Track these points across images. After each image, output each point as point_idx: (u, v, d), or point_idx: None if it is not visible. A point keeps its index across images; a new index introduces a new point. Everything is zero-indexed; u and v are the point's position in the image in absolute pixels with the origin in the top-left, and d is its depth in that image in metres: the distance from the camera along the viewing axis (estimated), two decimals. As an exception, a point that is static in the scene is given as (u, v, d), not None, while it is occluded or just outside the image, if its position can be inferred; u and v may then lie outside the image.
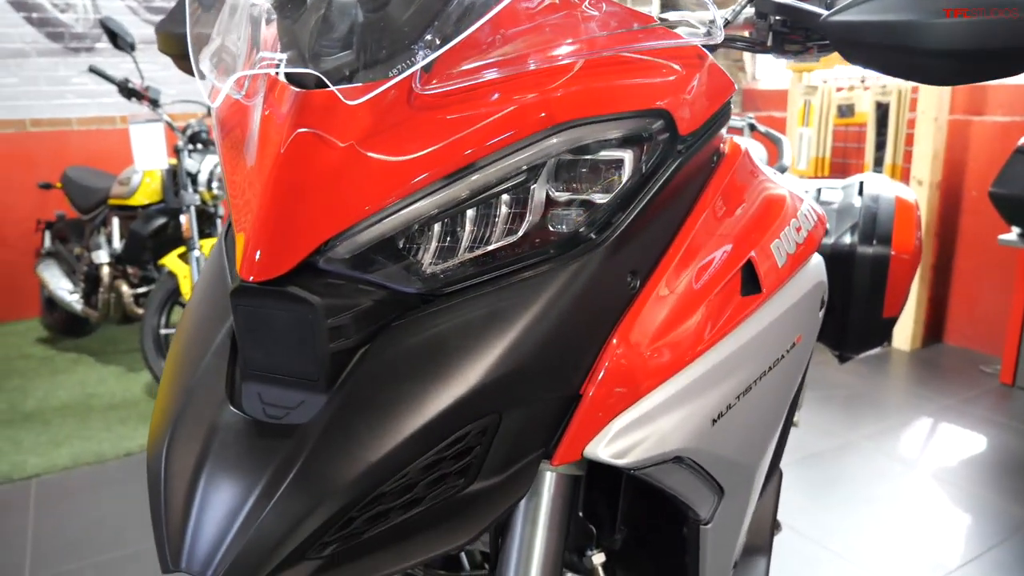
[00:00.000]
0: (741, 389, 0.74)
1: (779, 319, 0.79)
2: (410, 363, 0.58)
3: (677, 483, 0.72)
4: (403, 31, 0.59)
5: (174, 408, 0.62)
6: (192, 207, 3.15)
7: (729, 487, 0.78)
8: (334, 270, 0.59)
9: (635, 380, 0.65)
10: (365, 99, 0.57)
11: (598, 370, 0.64)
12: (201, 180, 3.23)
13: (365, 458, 0.55)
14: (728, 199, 0.77)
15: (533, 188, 0.60)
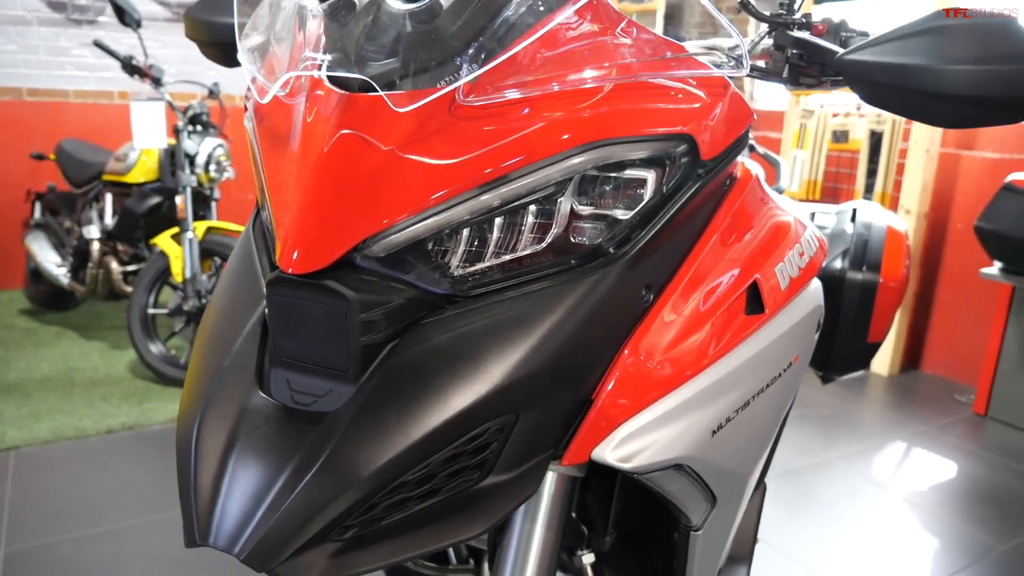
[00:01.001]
0: (740, 403, 0.78)
1: (779, 339, 0.83)
2: (437, 360, 0.60)
3: (675, 489, 0.76)
4: (450, 44, 0.62)
5: (206, 389, 0.64)
6: (188, 188, 3.15)
7: (721, 496, 0.82)
8: (369, 267, 0.62)
9: (643, 389, 0.68)
10: (413, 107, 0.60)
11: (609, 377, 0.67)
12: (199, 161, 3.23)
13: (392, 447, 0.57)
14: (738, 221, 0.80)
15: (560, 201, 0.63)
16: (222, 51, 1.01)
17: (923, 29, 0.72)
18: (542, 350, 0.62)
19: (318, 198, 0.59)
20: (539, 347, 0.62)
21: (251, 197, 4.55)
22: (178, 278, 3.08)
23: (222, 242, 3.13)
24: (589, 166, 0.63)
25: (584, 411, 0.67)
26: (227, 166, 3.34)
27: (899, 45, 0.73)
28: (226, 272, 0.76)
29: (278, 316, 0.63)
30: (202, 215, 3.33)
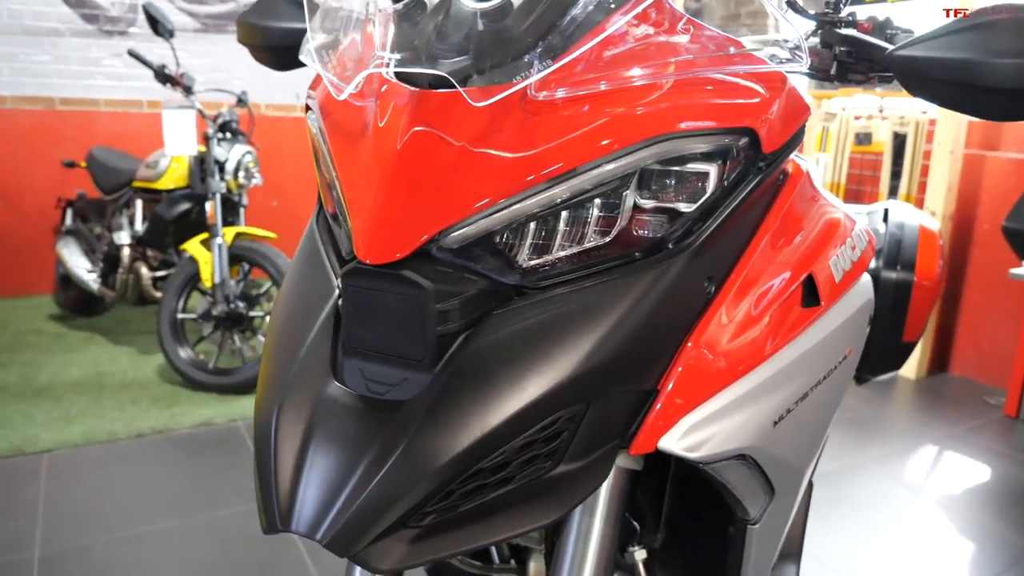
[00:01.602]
0: (799, 395, 0.78)
1: (834, 332, 0.83)
2: (511, 349, 0.61)
3: (736, 480, 0.76)
4: (521, 41, 0.63)
5: (283, 377, 0.66)
6: (218, 194, 3.19)
7: (780, 489, 0.82)
8: (444, 258, 0.63)
9: (707, 379, 0.69)
10: (490, 102, 0.61)
11: (674, 367, 0.68)
12: (228, 168, 3.26)
13: (469, 434, 0.58)
14: (792, 216, 0.81)
15: (625, 194, 0.64)
16: (274, 55, 1.04)
17: (971, 25, 0.73)
18: (611, 340, 0.63)
19: (394, 191, 0.61)
20: (608, 337, 0.63)
21: (275, 204, 4.60)
22: (207, 283, 3.11)
23: (250, 247, 3.16)
24: (654, 159, 0.64)
25: (650, 401, 0.68)
26: (255, 172, 3.38)
27: (948, 40, 0.74)
28: (293, 268, 0.77)
29: (353, 307, 0.64)
30: (231, 221, 3.37)
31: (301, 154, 4.80)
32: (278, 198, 4.63)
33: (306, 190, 4.84)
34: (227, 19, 4.53)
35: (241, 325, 3.19)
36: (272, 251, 3.14)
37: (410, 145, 0.61)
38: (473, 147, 0.61)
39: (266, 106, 4.56)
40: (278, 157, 4.52)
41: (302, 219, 4.71)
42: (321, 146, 0.74)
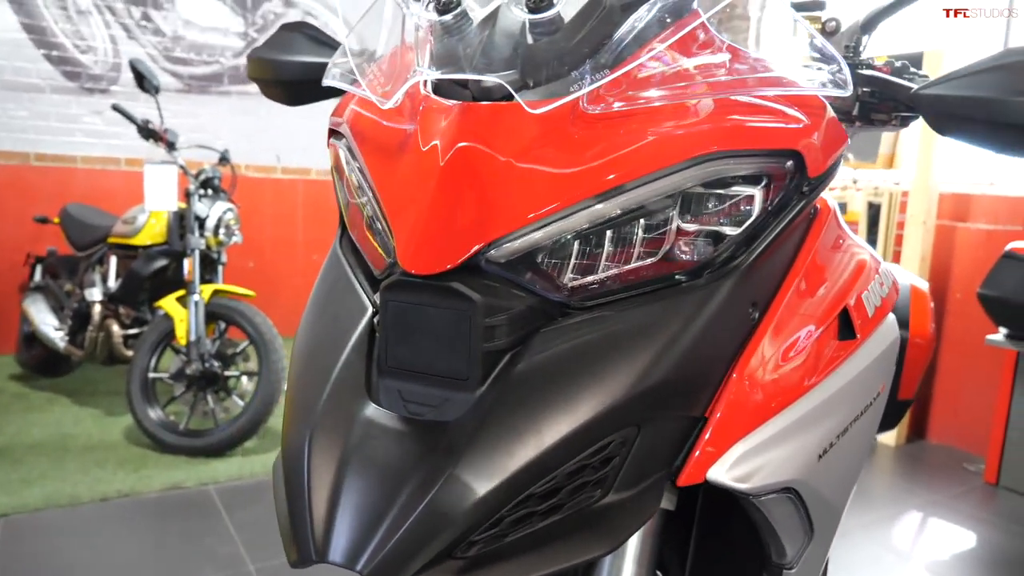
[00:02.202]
0: (840, 429, 0.76)
1: (869, 367, 0.82)
2: (563, 368, 0.59)
3: (779, 517, 0.73)
4: (571, 55, 0.63)
5: (314, 401, 0.63)
6: (197, 251, 3.14)
7: (819, 529, 0.79)
8: (492, 271, 0.61)
9: (754, 408, 0.67)
10: (548, 108, 0.60)
11: (721, 395, 0.66)
12: (209, 225, 3.22)
13: (522, 456, 0.56)
14: (825, 249, 0.81)
15: (672, 214, 0.64)
16: (287, 90, 1.04)
17: (995, 65, 0.75)
18: (663, 361, 0.61)
19: (442, 203, 0.60)
20: (660, 358, 0.61)
21: (252, 266, 4.55)
22: (182, 341, 3.03)
23: (228, 305, 3.10)
24: (701, 179, 0.64)
25: (698, 429, 0.66)
26: (236, 230, 3.35)
27: (972, 80, 0.75)
28: (317, 294, 0.75)
29: (392, 323, 0.62)
30: (208, 279, 3.31)
31: (281, 215, 4.79)
32: (256, 259, 4.59)
33: (285, 252, 4.81)
34: (210, 80, 4.57)
35: (215, 385, 3.10)
36: (251, 310, 3.08)
37: (456, 160, 0.60)
38: (519, 162, 0.61)
39: (247, 167, 4.56)
40: (257, 218, 4.49)
41: (281, 281, 4.67)
42: (352, 166, 0.73)
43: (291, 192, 4.86)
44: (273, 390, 2.97)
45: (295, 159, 4.84)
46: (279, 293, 4.56)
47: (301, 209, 4.89)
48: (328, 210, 4.93)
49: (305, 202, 4.91)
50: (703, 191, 0.65)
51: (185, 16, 4.46)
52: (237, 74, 4.67)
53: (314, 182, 4.95)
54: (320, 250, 4.90)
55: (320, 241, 4.90)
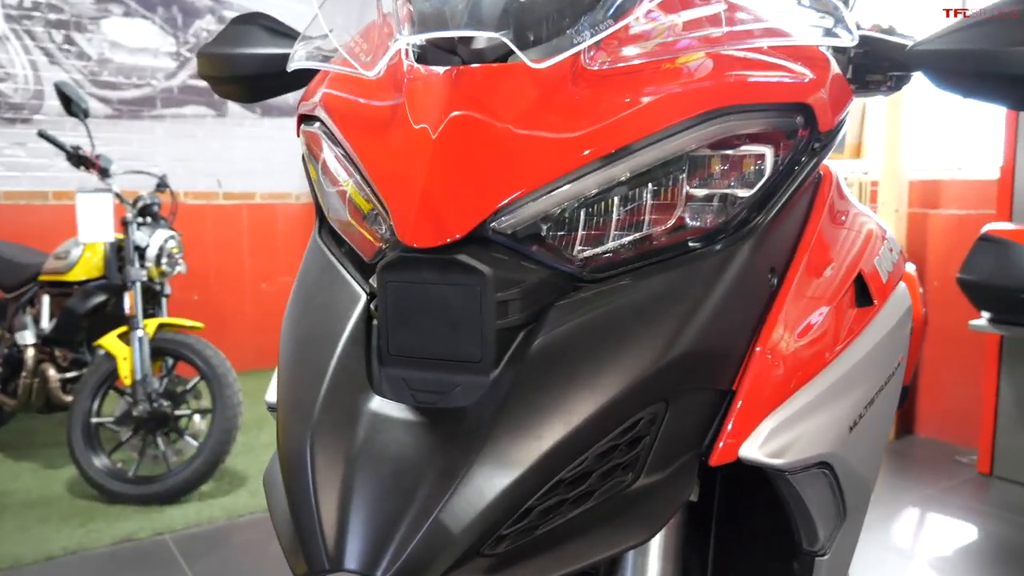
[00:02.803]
0: (867, 400, 0.76)
1: (888, 336, 0.82)
2: (583, 343, 0.58)
3: (813, 496, 0.72)
4: (570, 8, 0.63)
5: (311, 399, 0.61)
6: (138, 283, 3.05)
7: (851, 509, 0.79)
8: (501, 242, 0.60)
9: (783, 379, 0.67)
10: (551, 63, 0.60)
11: (747, 367, 0.66)
12: (150, 255, 3.14)
13: (548, 439, 0.55)
14: (834, 213, 0.81)
15: (682, 177, 0.63)
16: (244, 86, 1.02)
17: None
18: (688, 331, 0.61)
19: (438, 175, 0.59)
20: (684, 328, 0.61)
21: (196, 299, 4.45)
22: (126, 381, 2.93)
23: (175, 340, 3.01)
24: (711, 137, 0.64)
25: (726, 404, 0.65)
26: (179, 259, 3.27)
27: (969, 33, 0.77)
28: (301, 287, 0.74)
29: (393, 305, 0.61)
30: (152, 312, 3.21)
31: (226, 244, 4.72)
32: (201, 292, 4.49)
33: (232, 282, 4.73)
34: (142, 104, 4.49)
35: (165, 426, 3.00)
36: (200, 343, 3.00)
37: (450, 131, 0.60)
38: (519, 128, 0.60)
39: (186, 194, 4.47)
40: (200, 248, 4.41)
41: (229, 313, 4.58)
42: (332, 150, 0.72)
43: (235, 218, 4.79)
44: (229, 427, 2.90)
45: (237, 183, 4.78)
46: (228, 326, 4.47)
47: (247, 236, 4.82)
48: (276, 236, 4.89)
49: (251, 229, 4.83)
50: (711, 153, 0.64)
51: (111, 38, 4.38)
52: (171, 96, 4.59)
53: (259, 207, 4.88)
54: (269, 278, 4.84)
55: (269, 269, 4.83)
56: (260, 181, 4.85)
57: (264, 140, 4.86)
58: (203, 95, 4.65)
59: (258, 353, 4.28)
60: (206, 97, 4.66)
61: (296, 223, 4.94)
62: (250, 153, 4.80)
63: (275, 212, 4.91)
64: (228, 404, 2.90)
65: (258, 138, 4.85)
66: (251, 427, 3.46)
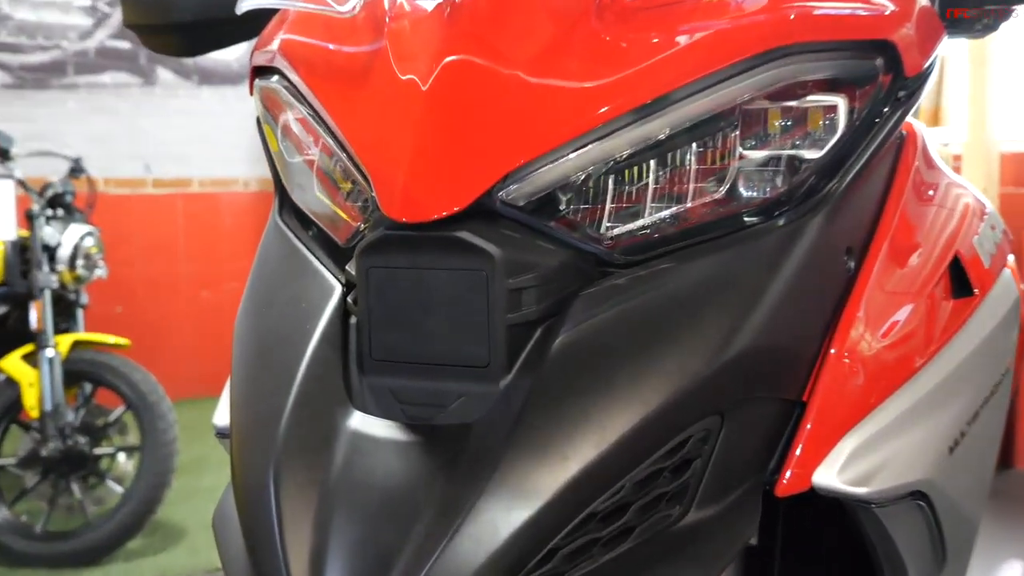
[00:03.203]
0: (970, 414, 0.77)
1: (993, 333, 0.83)
2: (616, 342, 0.59)
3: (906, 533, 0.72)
4: None
5: (274, 417, 0.61)
6: (47, 291, 3.04)
7: (952, 551, 0.78)
8: (511, 216, 0.60)
9: (864, 388, 0.67)
10: None
11: (821, 371, 0.66)
12: (62, 255, 3.12)
13: (575, 465, 0.54)
14: (921, 183, 0.81)
15: (734, 135, 0.63)
16: (179, 36, 1.02)
17: None
18: (746, 328, 0.61)
19: (431, 135, 0.60)
20: (741, 324, 0.61)
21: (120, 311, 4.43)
22: (32, 413, 2.91)
23: (95, 360, 3.01)
24: (769, 84, 0.63)
25: (795, 419, 0.66)
26: (99, 260, 3.25)
27: None
28: (258, 280, 0.75)
29: (376, 297, 0.61)
30: (64, 327, 3.18)
31: (157, 243, 4.71)
32: (126, 303, 4.47)
33: (165, 290, 4.72)
34: (50, 71, 4.50)
35: (82, 469, 2.98)
36: (126, 364, 2.99)
37: (444, 81, 0.60)
38: (530, 75, 0.61)
39: (107, 181, 4.45)
40: (124, 248, 4.39)
41: (161, 328, 4.58)
42: (295, 109, 0.73)
43: (168, 211, 4.77)
44: (162, 469, 2.88)
45: (171, 168, 4.75)
46: (160, 344, 4.44)
47: (182, 234, 4.80)
48: (221, 233, 4.88)
49: (188, 224, 4.81)
50: (769, 105, 0.64)
51: (11, -11, 4.39)
52: (86, 61, 4.59)
53: (198, 197, 4.87)
54: (212, 285, 4.81)
55: (212, 274, 4.80)
56: (199, 165, 4.82)
57: (203, 115, 4.85)
58: (126, 59, 4.64)
59: (198, 377, 4.20)
60: (130, 62, 4.66)
61: (245, 216, 4.91)
62: (186, 131, 4.78)
63: (218, 203, 4.91)
64: (161, 440, 2.88)
65: (196, 112, 4.83)
66: (190, 468, 3.42)
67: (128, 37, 4.55)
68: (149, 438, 2.89)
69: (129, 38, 4.54)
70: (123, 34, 4.53)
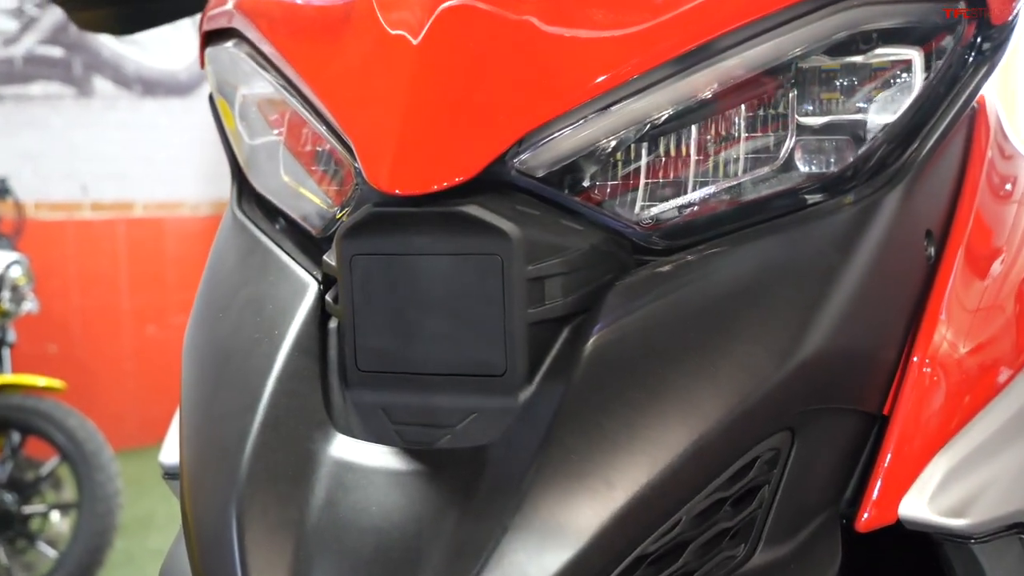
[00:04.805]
0: None
1: None
2: (666, 344, 0.56)
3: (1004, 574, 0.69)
4: None
5: (235, 442, 0.59)
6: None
7: None
8: (527, 189, 0.59)
9: (952, 400, 0.66)
10: None
11: (905, 378, 0.64)
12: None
13: (620, 495, 0.52)
14: (1001, 158, 0.79)
15: (791, 96, 0.61)
16: (112, 11, 1.02)
17: None
18: (818, 324, 0.58)
19: (427, 94, 0.58)
20: (812, 319, 0.58)
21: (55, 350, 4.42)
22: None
23: (23, 406, 2.99)
24: (831, 32, 0.61)
25: (875, 436, 0.64)
26: (28, 292, 3.29)
27: None
28: (214, 279, 0.74)
29: (363, 292, 0.59)
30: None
31: (95, 274, 4.72)
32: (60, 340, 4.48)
33: (105, 326, 4.72)
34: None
35: (10, 530, 2.97)
36: (60, 410, 2.99)
37: (438, 33, 0.58)
38: (546, 22, 0.59)
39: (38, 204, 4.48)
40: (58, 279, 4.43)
41: (100, 370, 4.59)
42: (257, 75, 0.72)
43: (107, 238, 4.77)
44: (102, 528, 2.87)
45: (110, 189, 4.77)
46: (100, 387, 4.45)
47: (124, 262, 4.80)
48: (166, 261, 4.89)
49: (130, 252, 4.81)
50: (830, 62, 0.63)
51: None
52: (12, 70, 4.59)
53: (141, 222, 4.89)
54: (157, 319, 4.83)
55: (157, 307, 4.81)
56: (142, 186, 4.84)
57: (146, 129, 4.88)
58: (58, 68, 4.66)
59: (143, 424, 4.26)
60: (63, 70, 4.67)
61: (194, 242, 4.91)
62: (127, 147, 4.79)
63: (163, 229, 4.91)
64: (100, 495, 2.86)
65: (138, 126, 4.85)
66: (134, 528, 3.41)
67: (61, 43, 4.57)
68: (87, 493, 2.88)
69: (62, 43, 4.56)
70: (55, 39, 4.57)
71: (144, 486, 3.61)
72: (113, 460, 2.93)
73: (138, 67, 4.83)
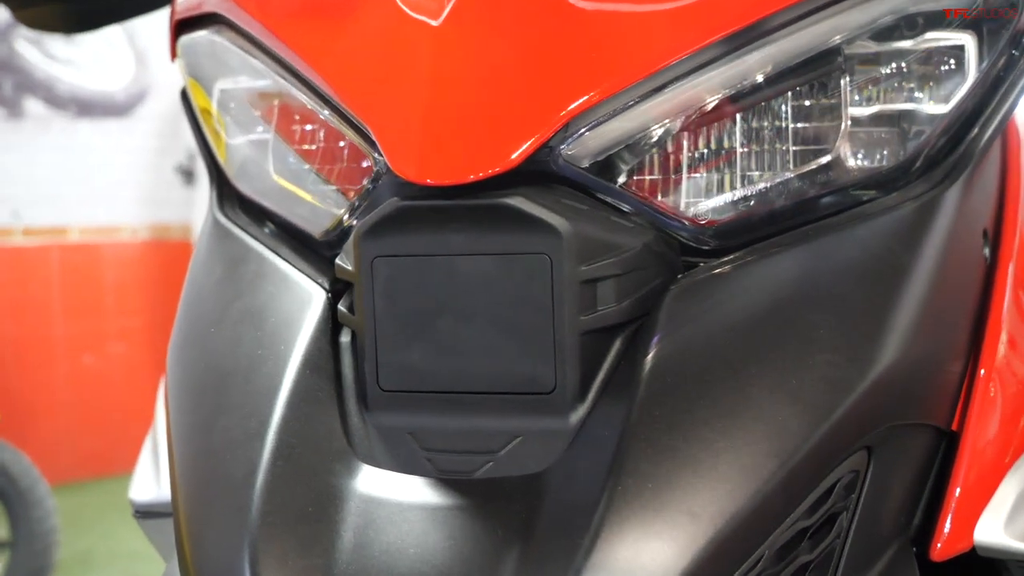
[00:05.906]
0: None
1: None
2: (737, 355, 0.53)
3: None
4: None
5: (243, 476, 0.55)
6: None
7: None
8: (576, 179, 0.56)
9: (1016, 414, 0.66)
10: None
11: (972, 389, 0.63)
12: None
13: (704, 527, 0.49)
14: None
15: (844, 83, 0.60)
16: (61, 9, 0.99)
17: None
18: (895, 330, 0.57)
19: (455, 79, 0.56)
20: (885, 326, 0.57)
21: None
22: None
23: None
24: (879, 17, 0.61)
25: (942, 453, 0.63)
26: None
27: None
28: (199, 291, 0.70)
29: (386, 299, 0.56)
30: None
31: (27, 302, 4.66)
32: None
33: (38, 356, 4.64)
34: None
35: (-62, 571, 2.93)
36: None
37: (462, 11, 0.56)
38: None
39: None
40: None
41: (33, 402, 4.59)
42: (241, 66, 0.70)
43: (40, 265, 4.72)
44: (38, 566, 2.83)
45: (43, 214, 4.71)
46: (34, 419, 4.37)
47: (59, 290, 4.74)
48: (104, 289, 4.85)
49: (65, 279, 4.76)
50: (878, 47, 0.62)
51: None
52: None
53: (77, 248, 4.83)
54: (94, 348, 4.77)
55: (94, 335, 4.76)
56: (78, 210, 4.80)
57: (82, 151, 4.84)
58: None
59: (81, 457, 4.22)
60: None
61: (134, 268, 4.90)
62: (62, 170, 4.75)
63: (101, 255, 4.86)
64: (36, 532, 2.84)
65: (73, 148, 4.80)
66: (72, 567, 3.36)
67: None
68: (22, 530, 2.86)
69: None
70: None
71: (82, 522, 3.56)
72: (49, 495, 2.90)
73: (72, 88, 4.81)
